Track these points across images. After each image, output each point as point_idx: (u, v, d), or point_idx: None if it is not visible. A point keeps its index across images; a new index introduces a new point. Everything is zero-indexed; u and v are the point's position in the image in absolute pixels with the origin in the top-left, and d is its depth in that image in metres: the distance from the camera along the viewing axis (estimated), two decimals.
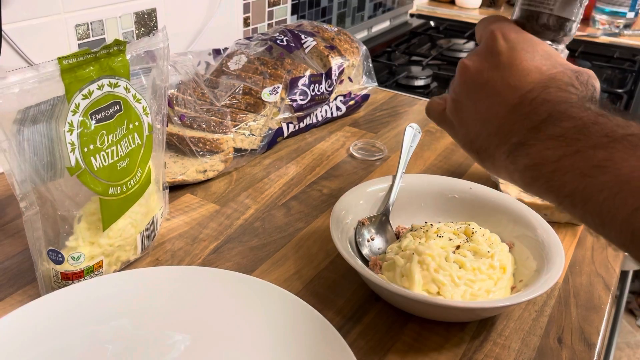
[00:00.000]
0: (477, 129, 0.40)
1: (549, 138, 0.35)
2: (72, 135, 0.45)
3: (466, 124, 0.42)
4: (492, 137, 0.39)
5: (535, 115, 0.36)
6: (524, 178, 0.37)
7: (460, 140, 0.44)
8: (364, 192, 0.60)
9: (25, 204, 0.46)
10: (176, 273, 0.50)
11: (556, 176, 0.34)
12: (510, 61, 0.39)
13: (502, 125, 0.38)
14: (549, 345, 0.49)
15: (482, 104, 0.40)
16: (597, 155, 0.32)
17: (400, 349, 0.48)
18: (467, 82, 0.41)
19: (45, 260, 0.49)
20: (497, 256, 0.52)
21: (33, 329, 0.44)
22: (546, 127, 0.35)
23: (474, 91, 0.40)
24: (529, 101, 0.37)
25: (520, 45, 0.39)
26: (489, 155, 0.40)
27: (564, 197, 0.34)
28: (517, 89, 0.38)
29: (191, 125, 0.71)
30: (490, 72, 0.39)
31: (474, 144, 0.41)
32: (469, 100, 0.41)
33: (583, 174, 0.32)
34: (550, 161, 0.34)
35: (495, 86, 0.39)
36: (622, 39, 1.49)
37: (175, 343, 0.46)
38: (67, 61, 0.43)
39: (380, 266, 0.54)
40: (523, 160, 0.36)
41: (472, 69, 0.40)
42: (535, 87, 0.37)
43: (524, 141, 0.36)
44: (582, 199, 0.32)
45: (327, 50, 0.86)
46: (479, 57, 0.41)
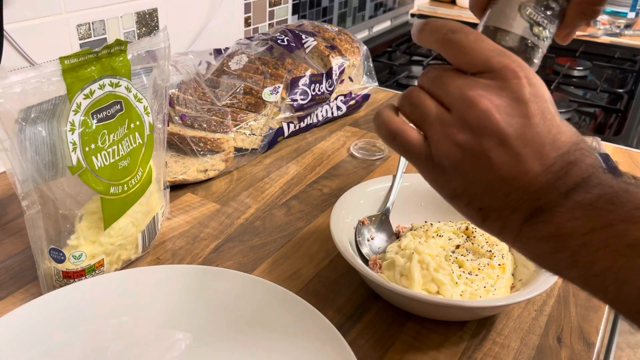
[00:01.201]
0: (492, 185, 0.34)
1: (578, 206, 0.31)
2: (74, 134, 0.45)
3: (471, 177, 0.34)
4: (513, 196, 0.33)
5: (570, 179, 0.32)
6: (542, 248, 0.33)
7: (452, 190, 0.36)
8: (364, 192, 0.61)
9: (27, 202, 0.46)
10: (177, 272, 0.50)
11: (585, 251, 0.30)
12: (541, 114, 0.33)
13: (530, 185, 0.33)
14: (548, 344, 0.49)
15: (507, 159, 0.33)
16: (632, 232, 0.29)
17: (399, 347, 0.48)
18: (488, 131, 0.33)
19: (46, 259, 0.49)
20: (496, 255, 0.52)
21: (34, 327, 0.44)
22: (577, 193, 0.31)
23: (499, 144, 0.33)
24: (566, 163, 0.32)
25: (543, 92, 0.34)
26: (499, 216, 0.34)
27: (592, 277, 0.30)
28: (553, 148, 0.33)
29: (192, 124, 0.71)
30: (521, 125, 0.33)
31: (477, 201, 0.35)
32: (488, 151, 0.33)
33: (617, 253, 0.29)
34: (580, 234, 0.30)
35: (527, 143, 0.33)
36: (622, 39, 1.49)
37: (176, 342, 0.46)
38: (68, 61, 0.44)
39: (380, 265, 0.54)
40: (546, 228, 0.32)
41: (497, 116, 0.33)
42: (570, 147, 0.33)
43: (551, 207, 0.32)
44: (615, 281, 0.29)
45: (328, 50, 0.86)
46: (502, 101, 0.33)
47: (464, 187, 0.35)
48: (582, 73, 1.24)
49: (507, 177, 0.33)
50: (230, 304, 0.48)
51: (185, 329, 0.47)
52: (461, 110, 0.34)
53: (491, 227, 0.36)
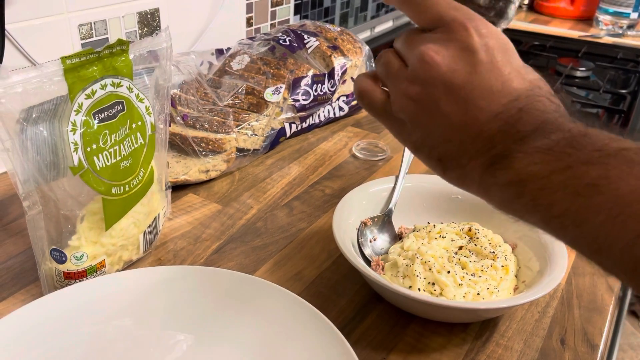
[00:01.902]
0: (446, 134, 0.35)
1: (537, 151, 0.31)
2: (75, 134, 0.45)
3: (426, 127, 0.36)
4: (468, 145, 0.34)
5: (523, 126, 0.32)
6: (504, 194, 0.33)
7: (411, 142, 0.37)
8: (367, 193, 0.60)
9: (28, 203, 0.46)
10: (178, 273, 0.50)
11: (544, 194, 0.31)
12: (489, 62, 0.34)
13: (482, 133, 0.33)
14: (551, 346, 0.49)
15: (455, 107, 0.34)
16: (590, 172, 0.29)
17: (402, 349, 0.48)
18: (435, 81, 0.34)
19: (48, 260, 0.49)
20: (499, 257, 0.52)
21: (35, 328, 0.44)
22: (534, 138, 0.32)
23: (446, 92, 0.34)
24: (516, 110, 0.33)
25: (494, 41, 0.35)
26: (458, 165, 0.35)
27: (552, 218, 0.31)
28: (501, 95, 0.33)
29: (194, 125, 0.71)
30: (468, 73, 0.34)
31: (435, 150, 0.36)
32: (437, 101, 0.34)
33: (576, 193, 0.29)
34: (539, 177, 0.31)
35: (475, 90, 0.34)
36: (625, 40, 1.48)
37: (178, 343, 0.46)
38: (70, 61, 0.43)
39: (382, 267, 0.53)
40: (506, 174, 0.32)
41: (443, 66, 0.34)
42: (521, 94, 0.33)
43: (508, 153, 0.32)
44: (574, 221, 0.29)
45: (330, 50, 0.86)
46: (449, 52, 0.34)
47: (422, 138, 0.36)
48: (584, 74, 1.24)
49: (458, 125, 0.34)
50: (232, 305, 0.48)
51: (187, 330, 0.47)
52: (413, 65, 0.35)
53: (453, 177, 0.37)
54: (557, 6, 1.67)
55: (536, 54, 1.35)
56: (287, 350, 0.44)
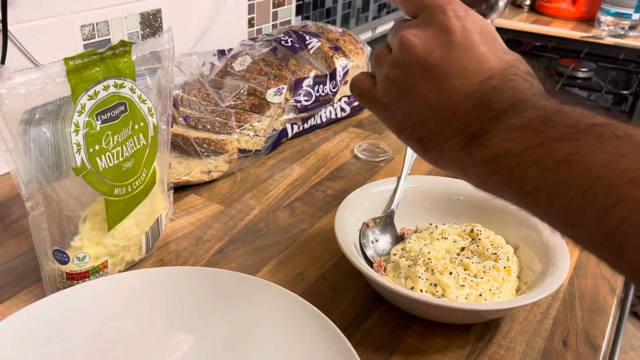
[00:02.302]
0: (423, 114, 0.36)
1: (511, 129, 0.32)
2: (78, 135, 0.45)
3: (406, 108, 0.37)
4: (444, 124, 0.35)
5: (497, 104, 0.33)
6: (480, 172, 0.33)
7: (394, 125, 0.38)
8: (369, 194, 0.60)
9: (31, 204, 0.46)
10: (180, 273, 0.50)
11: (518, 170, 0.31)
12: (465, 42, 0.35)
13: (457, 112, 0.34)
14: (554, 347, 0.49)
15: (431, 87, 0.35)
16: (562, 148, 0.29)
17: (404, 350, 0.48)
18: (412, 62, 0.36)
19: (50, 260, 0.49)
20: (501, 258, 0.52)
21: (38, 329, 0.44)
22: (508, 116, 0.32)
23: (422, 72, 0.35)
24: (490, 88, 0.34)
25: (472, 24, 0.36)
26: (436, 144, 0.36)
27: (526, 194, 0.31)
28: (476, 74, 0.34)
29: (196, 126, 0.71)
30: (443, 53, 0.35)
31: (415, 131, 0.37)
32: (414, 82, 0.36)
33: (548, 169, 0.30)
34: (512, 154, 0.31)
35: (450, 69, 0.35)
36: (627, 41, 1.48)
37: (179, 343, 0.46)
38: (73, 62, 0.44)
39: (384, 268, 0.53)
40: (481, 152, 0.33)
41: (419, 47, 0.35)
42: (495, 73, 0.34)
43: (483, 131, 0.33)
44: (546, 196, 0.30)
45: (332, 51, 0.86)
46: (427, 34, 0.35)
47: (404, 120, 0.37)
48: (586, 74, 1.24)
49: (434, 104, 0.35)
50: (234, 305, 0.48)
51: (189, 331, 0.47)
52: (394, 49, 0.37)
53: (432, 157, 0.37)
54: (558, 7, 1.67)
55: (538, 55, 1.35)
56: (289, 351, 0.44)
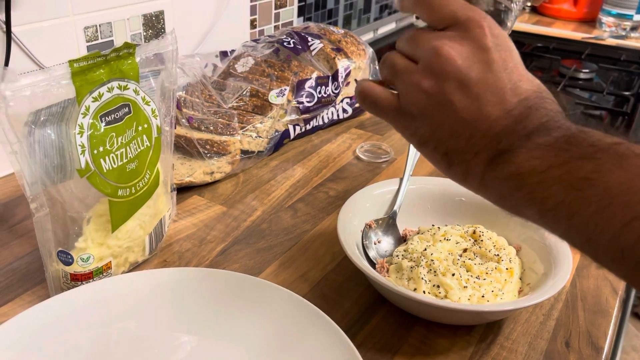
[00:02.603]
0: (455, 129, 0.36)
1: (538, 147, 0.33)
2: (82, 137, 0.45)
3: (436, 121, 0.36)
4: (476, 140, 0.35)
5: (529, 123, 0.34)
6: (503, 188, 0.34)
7: (418, 136, 0.38)
8: (371, 195, 0.61)
9: (35, 205, 0.46)
10: (184, 274, 0.50)
11: (541, 188, 0.32)
12: (503, 62, 0.35)
13: (491, 129, 0.35)
14: (556, 349, 0.49)
15: (468, 103, 0.35)
16: (584, 167, 0.30)
17: (407, 351, 0.48)
18: (450, 75, 0.35)
19: (54, 261, 0.49)
20: (504, 259, 0.52)
21: (42, 330, 0.44)
22: (538, 135, 0.33)
23: (460, 87, 0.35)
24: (526, 108, 0.34)
25: (505, 44, 0.36)
26: (463, 159, 0.36)
27: (547, 211, 0.32)
28: (513, 94, 0.35)
29: (199, 127, 0.71)
30: (483, 70, 0.35)
31: (442, 145, 0.36)
32: (450, 95, 0.35)
33: (570, 187, 0.30)
34: (538, 171, 0.32)
35: (489, 87, 0.35)
36: (628, 42, 1.48)
37: (182, 344, 0.47)
38: (77, 64, 0.44)
39: (387, 269, 0.54)
40: (507, 168, 0.33)
41: (459, 61, 0.35)
42: (530, 95, 0.35)
43: (512, 148, 0.34)
44: (567, 214, 0.31)
45: (334, 52, 0.86)
46: (464, 48, 0.35)
47: (430, 132, 0.37)
48: (588, 75, 1.24)
49: (469, 120, 0.35)
50: (237, 307, 0.48)
51: (191, 332, 0.47)
52: (427, 59, 0.36)
53: (457, 173, 0.37)
54: (560, 8, 1.67)
55: (539, 56, 1.35)
56: (292, 352, 0.44)
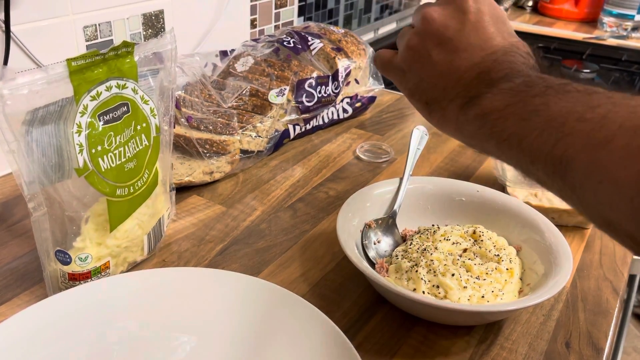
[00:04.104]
0: (433, 80, 0.42)
1: (500, 92, 0.37)
2: (80, 136, 0.45)
3: (420, 74, 0.43)
4: (449, 89, 0.41)
5: (495, 73, 0.39)
6: (471, 127, 0.39)
7: (408, 88, 0.45)
8: (371, 195, 0.60)
9: (33, 204, 0.46)
10: (182, 274, 0.50)
11: (499, 122, 0.37)
12: (477, 22, 0.41)
13: (461, 79, 0.40)
14: (556, 349, 0.49)
15: (443, 57, 0.41)
16: (535, 102, 0.35)
17: (406, 352, 0.48)
18: (430, 34, 0.42)
19: (52, 261, 0.49)
20: (504, 260, 0.51)
21: (40, 330, 0.44)
22: (500, 83, 0.38)
23: (437, 44, 0.42)
24: (491, 61, 0.40)
25: (485, 7, 0.42)
26: (440, 107, 0.42)
27: (503, 141, 0.36)
28: (481, 49, 0.40)
29: (198, 126, 0.71)
30: (457, 29, 0.41)
31: (424, 95, 0.43)
32: (429, 51, 0.42)
33: (521, 119, 0.35)
34: (497, 110, 0.37)
35: (461, 43, 0.41)
36: (629, 42, 1.48)
37: (181, 344, 0.46)
38: (75, 63, 0.44)
39: (386, 269, 0.53)
40: (474, 110, 0.39)
41: (438, 22, 0.42)
42: (498, 50, 0.40)
43: (479, 94, 0.39)
44: (517, 140, 0.35)
45: (334, 52, 0.86)
46: (445, 11, 0.42)
47: (416, 84, 0.44)
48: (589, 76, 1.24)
49: (444, 72, 0.41)
50: (236, 306, 0.48)
51: (190, 332, 0.47)
52: (417, 23, 0.44)
53: (436, 118, 0.43)
54: (561, 8, 1.67)
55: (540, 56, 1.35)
56: (291, 352, 0.44)
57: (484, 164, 0.79)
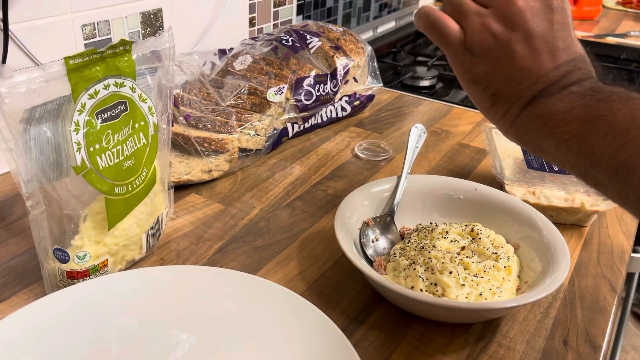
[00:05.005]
0: (510, 73, 0.41)
1: (568, 94, 0.38)
2: (78, 134, 0.45)
3: (494, 63, 0.41)
4: (524, 86, 0.40)
5: (571, 78, 0.40)
6: (532, 124, 0.40)
7: (474, 75, 0.42)
8: (369, 193, 0.60)
9: (31, 203, 0.46)
10: (181, 272, 0.50)
11: (562, 123, 0.37)
12: (563, 24, 0.41)
13: (540, 79, 0.40)
14: (554, 347, 0.49)
15: (528, 53, 0.40)
16: (599, 106, 0.36)
17: (404, 349, 0.48)
18: (518, 25, 0.40)
19: (51, 259, 0.49)
20: (502, 258, 0.51)
21: (38, 328, 0.44)
22: (572, 86, 0.39)
23: (524, 39, 0.40)
24: (572, 66, 0.40)
25: (568, 7, 0.42)
26: (507, 101, 0.41)
27: (563, 142, 0.37)
28: (565, 53, 0.40)
29: (196, 125, 0.71)
30: (546, 28, 0.40)
31: (493, 85, 0.41)
32: (514, 44, 0.40)
33: (585, 122, 0.36)
34: (563, 111, 0.38)
35: (548, 44, 0.40)
36: (629, 40, 1.48)
37: (180, 342, 0.46)
38: (73, 61, 0.44)
39: (384, 267, 0.53)
40: (539, 108, 0.39)
41: (528, 14, 0.40)
42: (577, 56, 0.41)
43: (549, 95, 0.39)
44: (578, 143, 0.36)
45: (333, 50, 0.86)
46: (536, 4, 0.41)
47: (485, 72, 0.42)
48: None
49: (524, 68, 0.40)
50: (234, 305, 0.48)
51: (189, 330, 0.47)
52: (500, 5, 0.41)
53: (496, 112, 0.42)
54: None
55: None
56: (289, 350, 0.44)
57: (482, 162, 0.79)
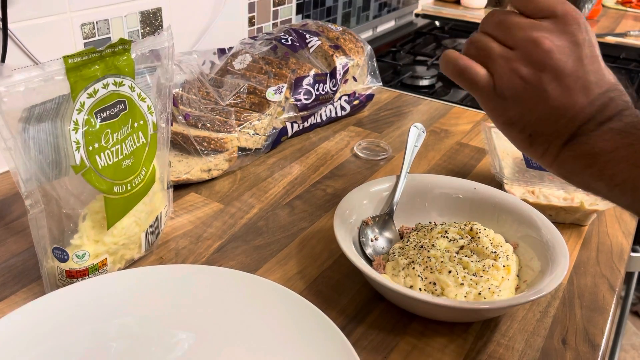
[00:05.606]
0: (545, 114, 0.40)
1: (609, 131, 0.38)
2: (77, 133, 0.45)
3: (528, 105, 0.40)
4: (561, 125, 0.40)
5: (608, 111, 0.39)
6: (576, 166, 0.39)
7: (508, 118, 0.41)
8: (368, 192, 0.60)
9: (30, 202, 0.46)
10: (180, 272, 0.50)
11: (610, 165, 0.37)
12: (592, 57, 0.40)
13: (577, 116, 0.39)
14: (553, 346, 0.49)
15: (560, 92, 0.39)
16: None
17: (403, 348, 0.48)
18: (547, 66, 0.39)
19: (50, 258, 0.49)
20: (501, 257, 0.52)
21: (37, 327, 0.44)
22: (612, 122, 0.38)
23: (555, 78, 0.39)
24: (608, 99, 0.39)
25: (594, 39, 0.41)
26: (545, 140, 0.41)
27: (615, 186, 0.37)
28: (597, 86, 0.40)
29: (196, 124, 0.71)
30: (576, 64, 0.40)
31: (529, 127, 0.41)
32: (545, 85, 0.40)
33: (634, 165, 0.36)
34: (607, 151, 0.37)
35: (579, 80, 0.39)
36: (628, 39, 1.48)
37: (179, 341, 0.46)
38: (72, 60, 0.44)
39: (383, 266, 0.53)
40: (581, 148, 0.39)
41: (556, 54, 0.39)
42: (611, 87, 0.40)
43: (588, 132, 0.39)
44: (632, 187, 0.36)
45: (332, 49, 0.86)
46: (561, 42, 0.40)
47: (520, 115, 0.41)
48: None
49: (558, 107, 0.40)
50: (233, 304, 0.48)
51: (188, 329, 0.47)
52: (526, 48, 0.40)
53: (535, 151, 0.42)
54: None
55: None
56: (288, 349, 0.44)
57: (481, 162, 0.79)
